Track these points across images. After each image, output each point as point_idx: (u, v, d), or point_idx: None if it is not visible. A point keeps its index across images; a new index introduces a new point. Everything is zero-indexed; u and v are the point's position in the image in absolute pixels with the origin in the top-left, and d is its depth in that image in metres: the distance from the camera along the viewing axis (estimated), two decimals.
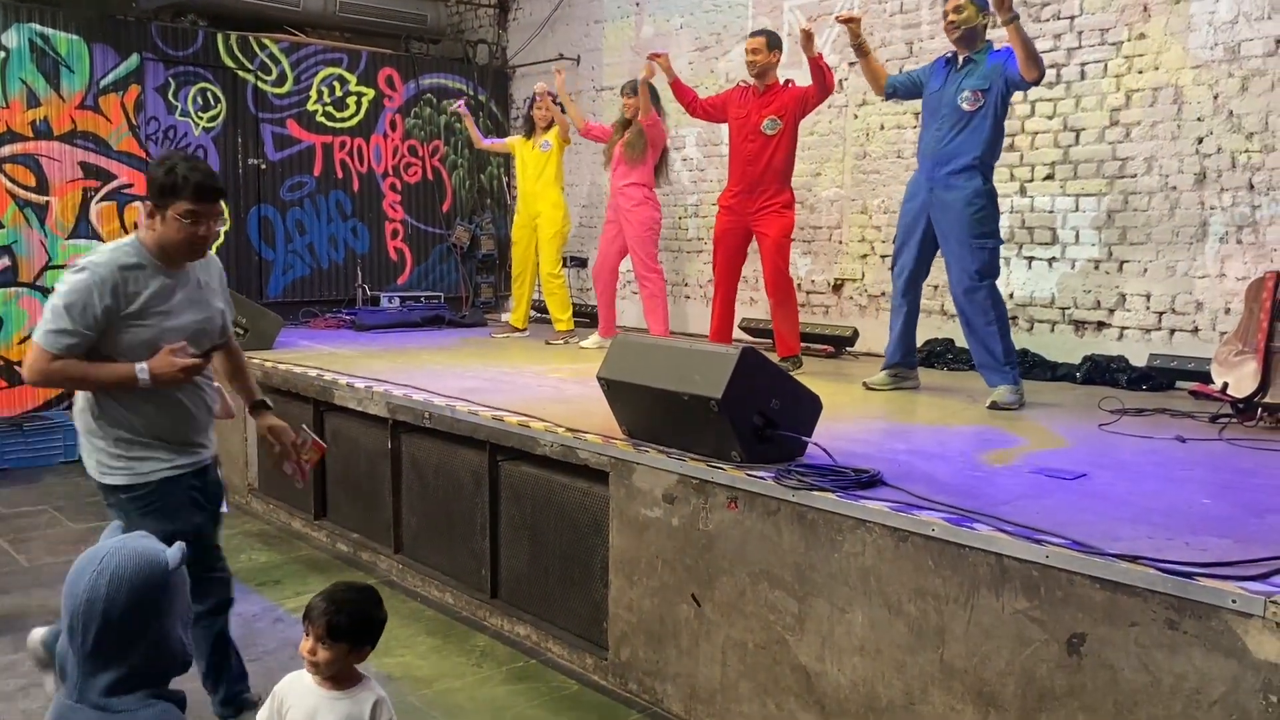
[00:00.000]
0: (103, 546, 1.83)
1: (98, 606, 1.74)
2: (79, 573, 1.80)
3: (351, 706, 2.45)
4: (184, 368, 3.07)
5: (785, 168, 6.18)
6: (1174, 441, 4.20)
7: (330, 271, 9.17)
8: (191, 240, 3.14)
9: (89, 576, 1.77)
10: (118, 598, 1.75)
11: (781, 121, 6.09)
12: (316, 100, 8.97)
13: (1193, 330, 5.60)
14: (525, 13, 9.91)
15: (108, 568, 1.77)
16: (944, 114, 5.06)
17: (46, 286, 7.72)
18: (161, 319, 3.10)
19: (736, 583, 3.47)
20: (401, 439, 5.21)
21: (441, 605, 4.83)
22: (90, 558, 1.81)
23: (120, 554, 1.79)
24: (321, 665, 2.46)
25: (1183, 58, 5.57)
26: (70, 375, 3.08)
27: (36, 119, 7.63)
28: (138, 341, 3.07)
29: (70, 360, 3.03)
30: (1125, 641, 2.52)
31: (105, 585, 1.75)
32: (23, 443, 7.42)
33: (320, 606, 2.45)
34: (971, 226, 4.98)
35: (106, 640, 1.75)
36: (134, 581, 1.77)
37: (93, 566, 1.78)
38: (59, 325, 3.00)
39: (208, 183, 3.14)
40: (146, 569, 1.80)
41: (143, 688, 1.78)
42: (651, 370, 3.83)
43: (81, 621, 1.75)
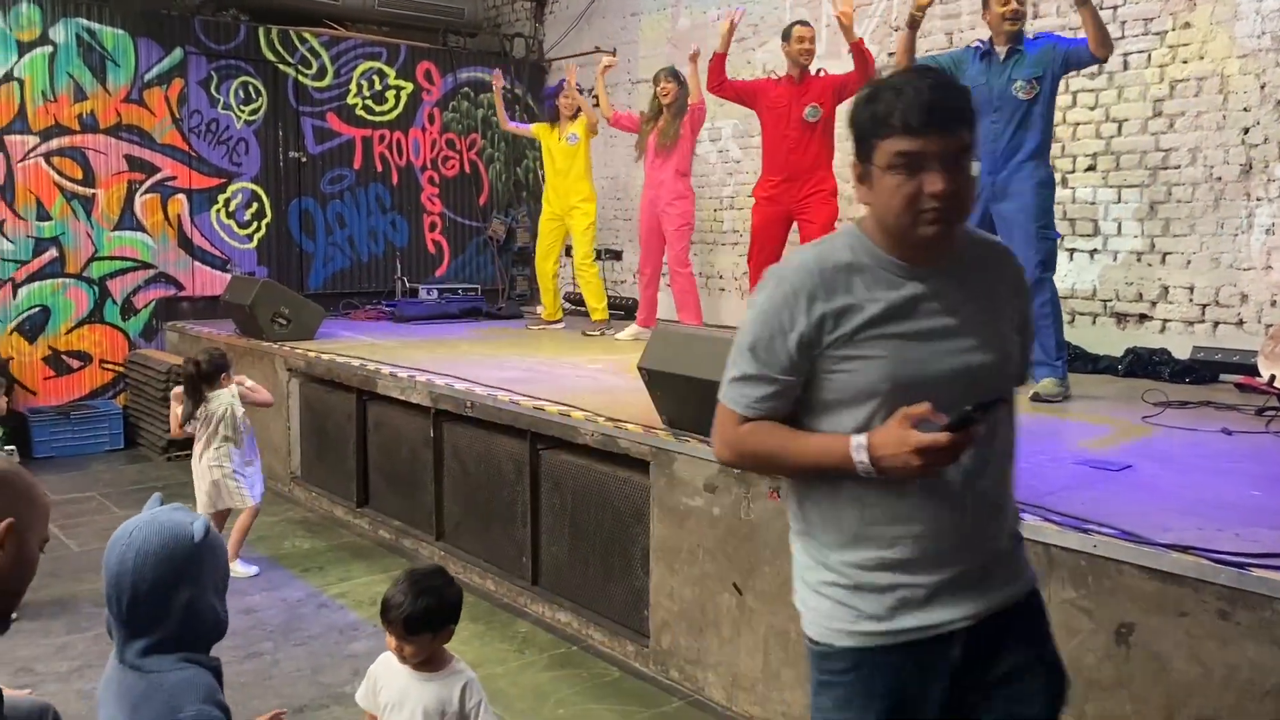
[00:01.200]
0: (134, 521, 1.89)
1: (125, 580, 1.81)
2: (111, 546, 1.86)
3: (441, 689, 2.52)
4: (924, 451, 1.68)
5: (828, 155, 6.23)
6: (1220, 434, 4.16)
7: (370, 264, 9.26)
8: (916, 206, 1.73)
9: (118, 550, 1.84)
10: (144, 570, 1.81)
11: (822, 109, 6.14)
12: (356, 94, 9.06)
13: (1237, 323, 5.54)
14: (562, 6, 9.94)
15: (134, 542, 1.83)
16: (997, 106, 4.99)
17: (92, 277, 7.87)
18: (897, 352, 1.78)
19: (779, 572, 3.49)
20: (443, 428, 5.26)
21: (483, 592, 4.88)
22: (122, 532, 1.88)
23: (148, 528, 1.85)
24: (409, 657, 2.52)
25: (1229, 47, 5.50)
26: (760, 451, 1.88)
27: (83, 112, 7.76)
28: (853, 391, 1.80)
29: (764, 425, 1.86)
30: (1175, 632, 2.51)
31: (132, 559, 1.81)
32: (70, 431, 7.56)
33: (394, 605, 2.50)
34: (1039, 216, 4.90)
35: (136, 610, 1.82)
36: (160, 554, 1.83)
37: (123, 540, 1.85)
38: (741, 370, 1.87)
39: (939, 99, 1.71)
40: (172, 542, 1.85)
41: (177, 652, 1.85)
42: (692, 360, 3.85)
43: (114, 593, 1.82)
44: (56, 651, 4.16)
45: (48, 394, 7.74)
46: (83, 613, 4.55)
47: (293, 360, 6.52)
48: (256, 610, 4.62)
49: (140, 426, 7.80)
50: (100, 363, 7.97)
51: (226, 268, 8.46)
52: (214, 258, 8.46)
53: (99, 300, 7.92)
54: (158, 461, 7.40)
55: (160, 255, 8.19)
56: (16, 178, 7.53)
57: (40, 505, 1.77)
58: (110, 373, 8.01)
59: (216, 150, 8.40)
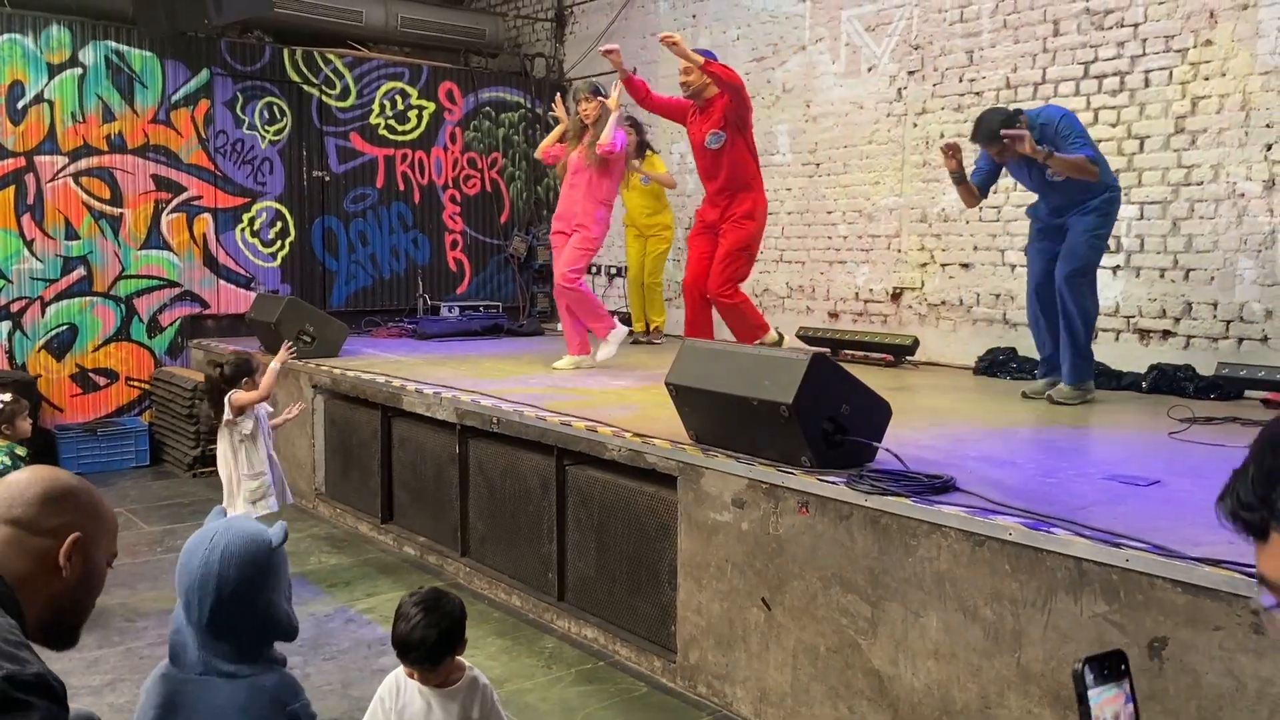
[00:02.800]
0: (212, 527, 1.96)
1: (211, 582, 1.87)
2: (191, 552, 1.92)
3: (465, 698, 2.56)
4: None
5: (742, 177, 6.00)
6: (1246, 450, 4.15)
7: (392, 281, 9.34)
8: None
9: (202, 553, 1.90)
10: (229, 572, 1.88)
11: (724, 134, 5.89)
12: (379, 114, 9.15)
13: (1262, 339, 5.53)
14: (582, 26, 10.03)
15: (219, 545, 1.91)
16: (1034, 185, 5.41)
17: (119, 296, 7.96)
18: None
19: (808, 587, 3.50)
20: (469, 444, 5.30)
21: (509, 607, 4.91)
22: (201, 538, 1.94)
23: (229, 533, 1.93)
24: (434, 680, 2.53)
25: (1250, 64, 5.52)
26: None
27: (111, 133, 7.87)
28: None
29: None
30: (1209, 646, 2.52)
31: (218, 561, 1.89)
32: (97, 447, 7.64)
33: (416, 643, 2.48)
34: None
35: (221, 612, 1.87)
36: (243, 557, 1.90)
37: (204, 545, 1.92)
38: None
39: None
40: (253, 546, 1.93)
41: (257, 656, 1.91)
42: (720, 375, 3.88)
43: (198, 596, 1.87)
44: (88, 666, 4.20)
45: (75, 411, 7.83)
46: (113, 627, 4.60)
47: (318, 377, 6.58)
48: None
49: (166, 443, 7.87)
50: (126, 380, 8.05)
51: (251, 286, 8.54)
52: (238, 276, 8.54)
53: (126, 318, 8.01)
54: (183, 478, 7.46)
55: (186, 274, 8.28)
56: (46, 197, 7.64)
57: (107, 520, 1.79)
58: (136, 390, 8.09)
59: (241, 170, 8.50)
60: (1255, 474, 1.07)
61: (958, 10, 6.84)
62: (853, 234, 7.57)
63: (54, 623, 1.72)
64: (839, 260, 7.70)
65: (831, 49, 7.67)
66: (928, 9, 7.01)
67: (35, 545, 1.68)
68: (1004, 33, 6.57)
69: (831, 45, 7.68)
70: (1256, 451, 1.08)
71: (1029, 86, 6.43)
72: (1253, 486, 1.07)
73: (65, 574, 1.68)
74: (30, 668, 1.46)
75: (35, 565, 1.67)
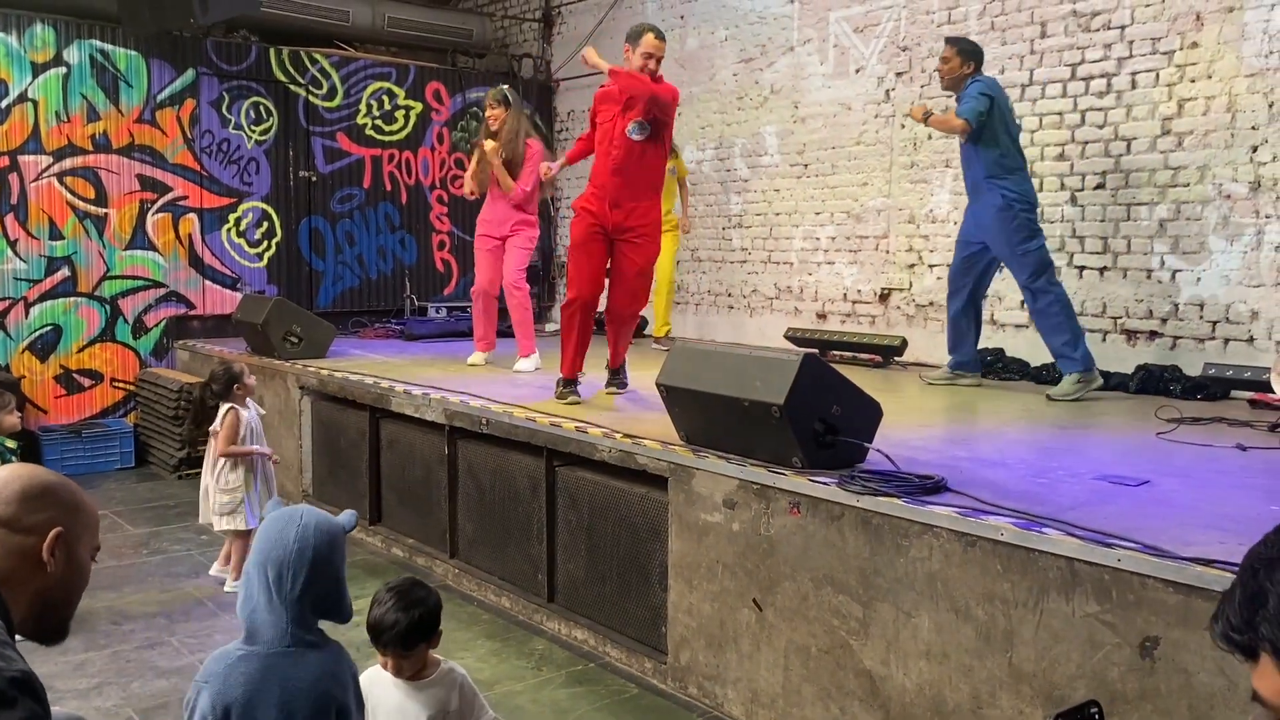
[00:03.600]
0: (291, 511, 2.10)
1: (308, 554, 2.00)
2: (280, 531, 2.04)
3: (439, 692, 2.57)
4: None
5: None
6: (1234, 449, 4.18)
7: (379, 282, 9.30)
8: None
9: (294, 530, 2.03)
10: (321, 546, 2.02)
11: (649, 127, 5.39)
12: (366, 114, 9.12)
13: (1248, 340, 5.56)
14: (569, 27, 10.02)
15: (309, 523, 2.05)
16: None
17: (104, 296, 7.91)
18: None
19: (799, 587, 3.50)
20: (458, 445, 5.28)
21: (498, 609, 4.89)
22: (286, 520, 2.06)
23: (311, 514, 2.09)
24: (406, 670, 2.53)
25: (1236, 66, 5.55)
26: None
27: (96, 133, 7.82)
28: None
29: None
30: (1200, 645, 2.52)
31: (312, 535, 2.02)
32: (82, 449, 7.58)
33: (388, 625, 2.53)
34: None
35: (312, 585, 2.00)
36: (330, 533, 2.06)
37: (294, 523, 2.05)
38: None
39: None
40: (334, 527, 2.09)
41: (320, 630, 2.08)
42: (711, 376, 3.88)
43: (292, 569, 1.99)
44: (75, 669, 4.17)
45: (59, 412, 7.76)
46: (100, 630, 4.56)
47: (305, 378, 6.54)
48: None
49: (151, 445, 7.82)
50: (111, 381, 7.99)
51: (237, 286, 8.50)
52: (224, 276, 8.49)
53: (110, 319, 7.95)
54: (168, 480, 7.42)
55: (171, 274, 8.22)
56: (30, 197, 7.58)
57: (88, 513, 1.80)
58: (121, 391, 8.04)
59: (227, 170, 8.46)
60: (1240, 598, 1.13)
61: (945, 12, 6.87)
62: (841, 235, 7.59)
63: (42, 618, 1.74)
64: (827, 261, 7.71)
65: (820, 50, 7.68)
66: (915, 11, 7.03)
67: (17, 543, 1.70)
68: (991, 34, 6.59)
69: (820, 46, 7.69)
70: (1241, 577, 1.14)
71: (1016, 88, 6.45)
72: (1239, 610, 1.12)
73: (50, 569, 1.71)
74: (15, 665, 1.48)
75: (19, 562, 1.69)
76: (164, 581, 5.22)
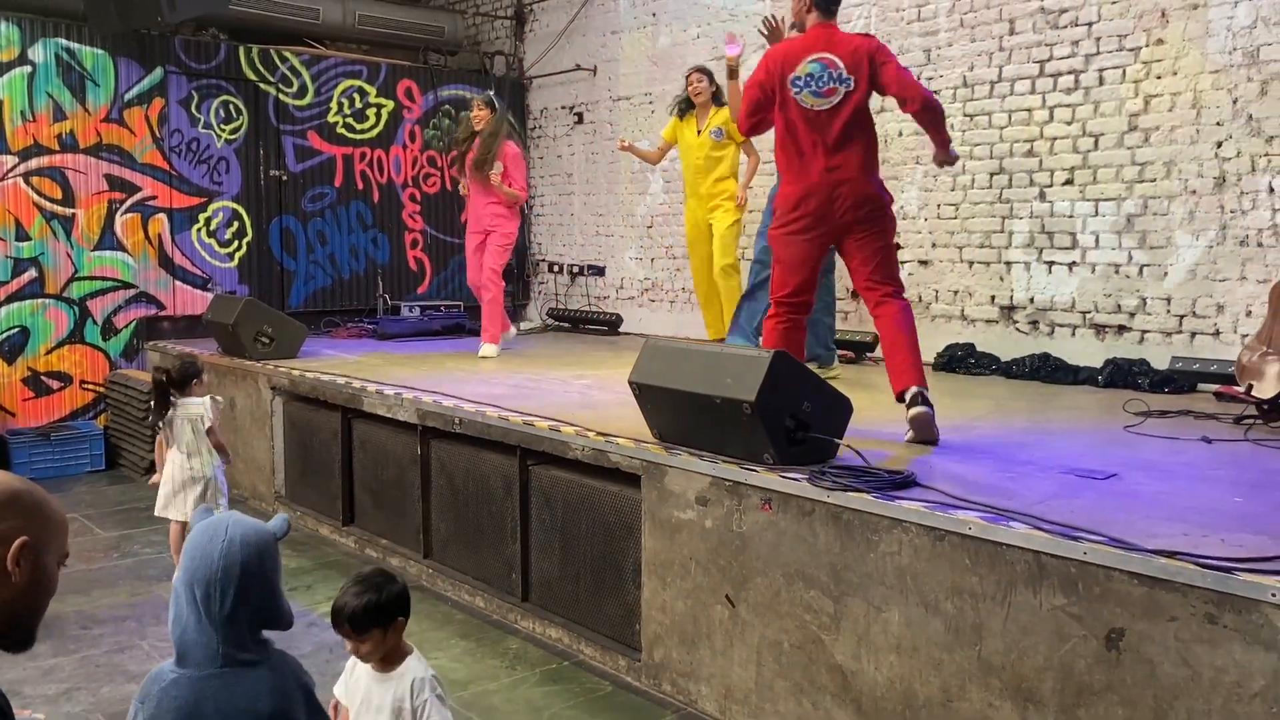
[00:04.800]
0: (216, 522, 1.98)
1: (235, 570, 1.88)
2: (205, 547, 1.92)
3: (396, 687, 2.57)
4: None
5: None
6: (1200, 442, 4.23)
7: (351, 281, 9.26)
8: None
9: (219, 547, 1.91)
10: (249, 560, 1.90)
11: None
12: (337, 112, 9.07)
13: (1214, 333, 5.63)
14: (542, 24, 10.00)
15: (234, 537, 1.92)
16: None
17: (72, 298, 7.83)
18: None
19: (771, 583, 3.51)
20: (431, 445, 5.26)
21: (472, 609, 4.88)
22: (211, 533, 1.94)
23: (238, 525, 1.96)
24: (366, 656, 2.57)
25: (1201, 63, 5.61)
26: None
27: (63, 132, 7.74)
28: None
29: None
30: (1164, 636, 2.56)
31: (238, 549, 1.90)
32: (51, 452, 7.50)
33: (338, 609, 2.56)
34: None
35: (241, 601, 1.89)
36: (258, 546, 1.93)
37: (219, 538, 1.92)
38: None
39: None
40: (263, 535, 1.97)
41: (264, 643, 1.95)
42: (683, 374, 3.88)
43: (219, 588, 1.87)
44: (44, 675, 4.13)
45: (27, 415, 7.68)
46: (69, 635, 4.52)
47: (276, 379, 6.50)
48: None
49: (122, 447, 7.75)
50: (81, 383, 7.91)
51: (207, 287, 8.43)
52: (195, 277, 8.43)
53: (79, 320, 7.87)
54: (140, 482, 7.34)
55: (141, 275, 8.15)
56: None
57: (55, 520, 1.76)
58: (91, 393, 7.96)
59: (197, 169, 8.39)
60: None
61: (915, 9, 6.90)
62: None
63: (7, 627, 1.71)
64: None
65: None
66: (886, 8, 7.06)
67: None
68: (961, 31, 6.63)
69: None
70: None
71: (985, 85, 6.49)
72: None
73: (15, 579, 1.66)
74: None
75: None
76: (134, 585, 5.18)
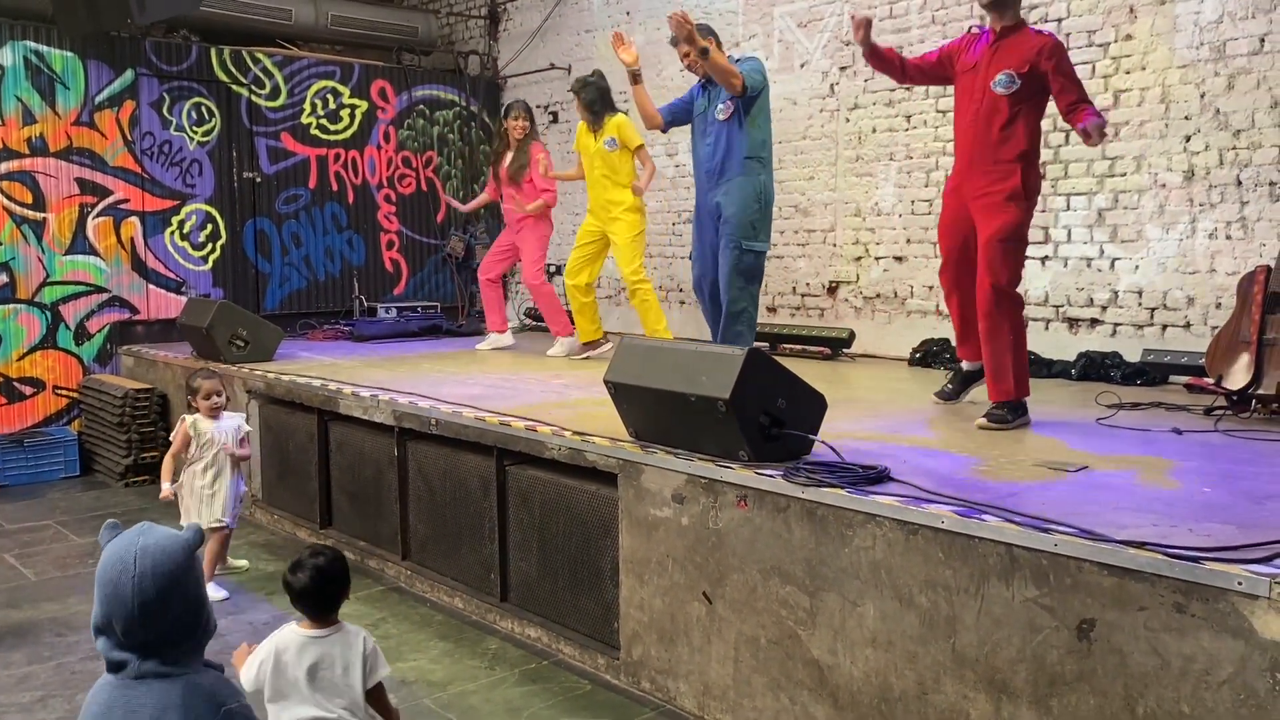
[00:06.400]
0: (126, 552, 1.85)
1: (151, 605, 1.81)
2: (115, 583, 1.82)
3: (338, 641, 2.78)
4: None
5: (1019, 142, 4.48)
6: (1171, 434, 4.28)
7: (327, 283, 9.22)
8: None
9: (130, 584, 1.81)
10: (165, 590, 1.82)
11: (1020, 80, 4.40)
12: (310, 113, 9.03)
13: (1185, 325, 5.68)
14: (516, 23, 9.98)
15: (144, 570, 1.82)
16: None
17: (44, 302, 7.76)
18: None
19: (747, 580, 3.53)
20: (408, 446, 5.25)
21: (451, 610, 4.88)
22: (120, 568, 1.83)
23: (150, 554, 1.84)
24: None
25: (1169, 58, 5.67)
26: None
27: (32, 136, 7.67)
28: None
29: None
30: (1134, 626, 2.58)
31: (151, 584, 1.81)
32: (24, 458, 7.44)
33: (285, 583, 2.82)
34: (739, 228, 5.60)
35: (164, 630, 1.83)
36: (174, 574, 1.84)
37: (129, 573, 1.82)
38: None
39: None
40: (177, 556, 1.86)
41: (195, 657, 1.90)
42: (658, 372, 3.89)
43: (139, 624, 1.81)
44: (18, 683, 4.10)
45: (1, 422, 7.61)
46: (43, 642, 4.49)
47: (252, 382, 6.47)
48: (224, 634, 4.53)
49: (96, 453, 7.69)
50: (54, 389, 7.85)
51: (181, 290, 8.37)
52: (169, 280, 8.37)
53: (51, 325, 7.80)
54: (115, 488, 7.30)
55: (114, 279, 8.09)
56: None
57: None
58: (64, 399, 7.89)
59: (170, 172, 8.33)
60: None
61: (887, 7, 6.93)
62: (789, 229, 7.63)
63: None
64: (775, 255, 7.74)
65: (765, 45, 7.72)
66: (858, 5, 7.09)
67: None
68: (932, 28, 6.67)
69: (765, 42, 7.73)
70: None
71: None
72: None
73: None
74: None
75: None
76: None
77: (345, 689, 2.74)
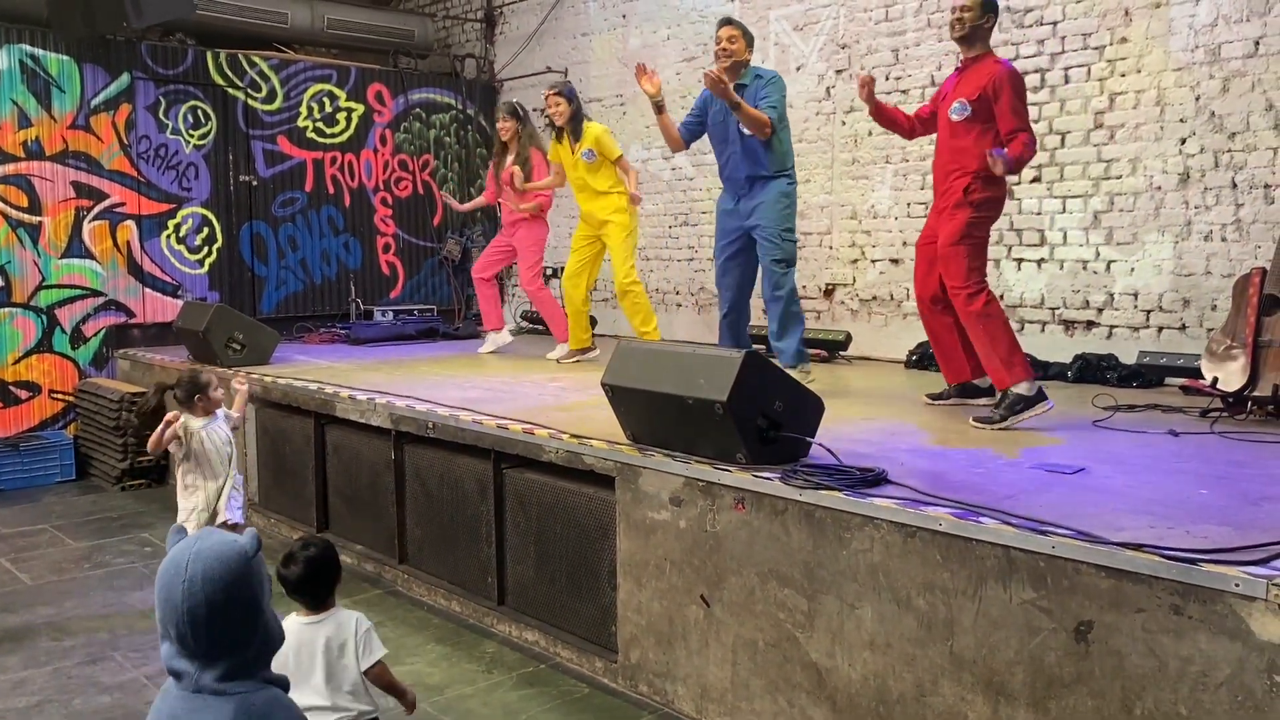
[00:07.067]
0: (181, 555, 1.84)
1: (200, 612, 1.78)
2: (169, 588, 1.82)
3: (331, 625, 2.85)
4: None
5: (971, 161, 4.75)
6: (1167, 435, 4.28)
7: (323, 286, 9.21)
8: None
9: (180, 590, 1.80)
10: (214, 598, 1.79)
11: (971, 107, 4.65)
12: (306, 116, 9.02)
13: (1180, 327, 5.69)
14: (512, 27, 9.99)
15: (195, 575, 1.80)
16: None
17: (40, 306, 7.75)
18: None
19: (745, 582, 3.53)
20: (405, 450, 5.25)
21: (448, 613, 4.87)
22: (174, 571, 1.83)
23: (203, 559, 1.82)
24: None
25: (1164, 60, 5.68)
26: None
27: (28, 139, 7.66)
28: None
29: None
30: (1132, 628, 2.59)
31: (200, 591, 1.79)
32: (19, 463, 7.42)
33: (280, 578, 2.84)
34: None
35: (216, 639, 1.80)
36: (226, 579, 1.81)
37: (180, 577, 1.81)
38: None
39: None
40: (232, 563, 1.83)
41: (254, 672, 1.85)
42: (655, 375, 3.89)
43: (190, 631, 1.79)
44: (14, 688, 4.09)
45: None
46: (40, 647, 4.47)
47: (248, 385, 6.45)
48: None
49: (92, 457, 7.67)
50: (50, 393, 7.83)
51: (178, 294, 8.37)
52: (165, 284, 8.36)
53: (47, 329, 7.79)
54: (111, 492, 7.29)
55: (110, 282, 8.08)
56: None
57: None
58: (60, 403, 7.88)
59: (166, 175, 8.32)
60: None
61: (883, 10, 6.95)
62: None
63: None
64: None
65: (761, 48, 7.71)
66: (854, 9, 7.11)
67: None
68: (928, 31, 6.69)
69: (760, 45, 7.72)
70: None
71: None
72: None
73: None
74: None
75: None
76: (107, 595, 5.13)
77: (344, 670, 2.81)
